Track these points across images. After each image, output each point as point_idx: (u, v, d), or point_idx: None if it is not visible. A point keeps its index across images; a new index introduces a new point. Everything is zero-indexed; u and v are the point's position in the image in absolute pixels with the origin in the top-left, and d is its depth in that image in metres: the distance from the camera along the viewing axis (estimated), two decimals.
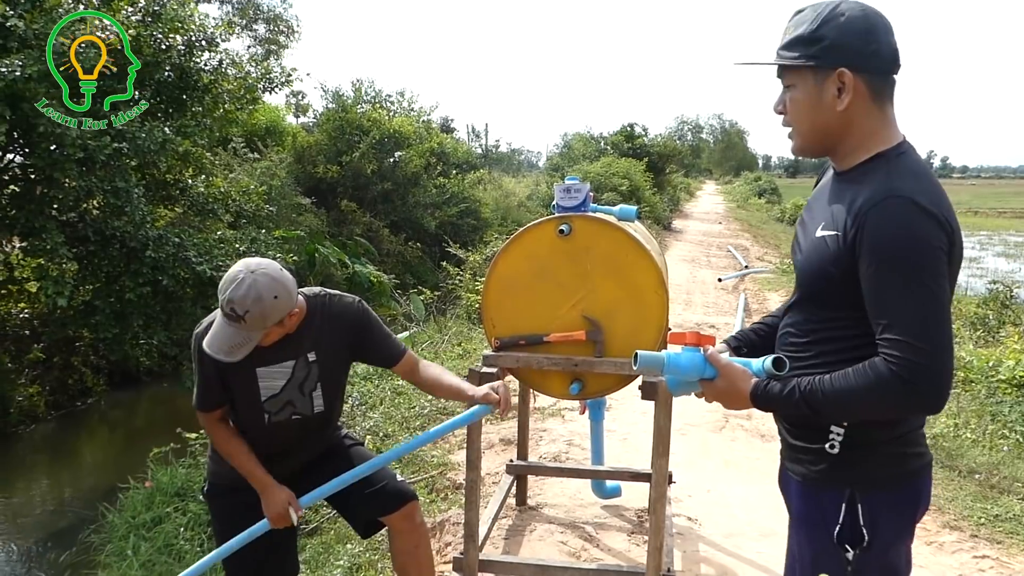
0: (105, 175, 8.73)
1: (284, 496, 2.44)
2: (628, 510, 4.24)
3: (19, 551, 7.00)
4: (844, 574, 1.66)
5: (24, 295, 10.59)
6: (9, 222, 8.52)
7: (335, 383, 2.57)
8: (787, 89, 1.71)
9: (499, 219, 22.23)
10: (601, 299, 2.95)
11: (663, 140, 39.35)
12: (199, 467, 6.33)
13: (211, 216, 11.03)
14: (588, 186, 3.23)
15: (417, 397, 6.86)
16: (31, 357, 10.88)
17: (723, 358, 1.71)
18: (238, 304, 2.20)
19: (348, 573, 4.11)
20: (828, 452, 1.66)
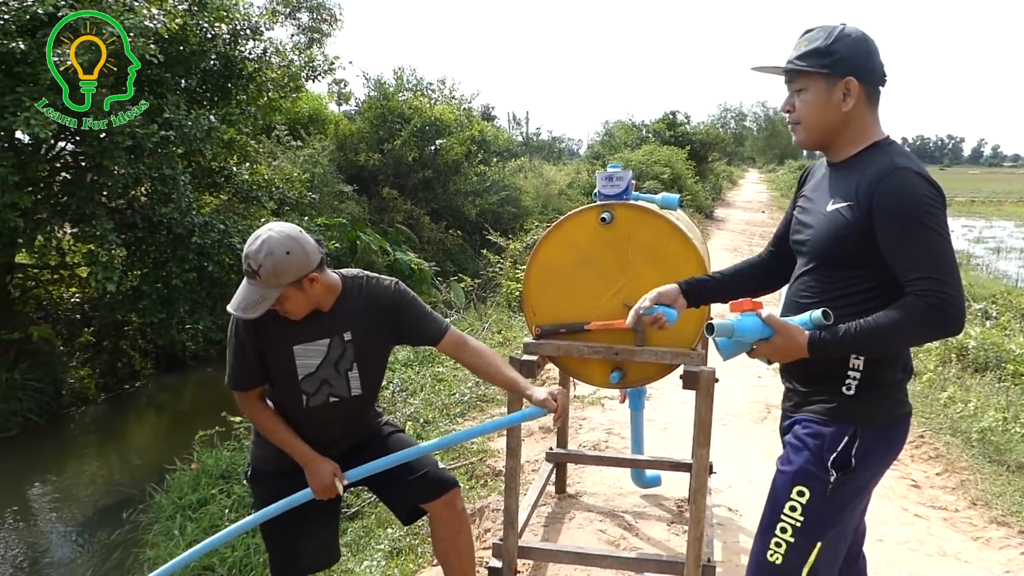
0: (153, 163, 8.89)
1: (329, 467, 2.45)
2: (668, 500, 4.22)
3: (72, 528, 7.19)
4: (824, 491, 1.98)
5: (75, 280, 10.84)
6: (61, 208, 8.71)
7: (373, 365, 2.57)
8: (797, 92, 2.03)
9: (539, 207, 22.21)
10: (643, 287, 2.91)
11: (706, 128, 38.87)
12: (243, 450, 6.44)
13: (255, 203, 11.17)
14: (630, 174, 3.20)
15: (458, 384, 6.90)
16: (82, 340, 11.15)
17: (778, 319, 1.98)
18: (252, 258, 2.26)
19: (388, 557, 4.16)
20: (844, 393, 1.98)
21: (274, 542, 2.66)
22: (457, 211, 19.73)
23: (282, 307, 2.34)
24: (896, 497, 4.35)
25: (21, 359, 9.61)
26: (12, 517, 7.43)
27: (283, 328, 2.41)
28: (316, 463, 2.45)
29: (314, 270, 2.32)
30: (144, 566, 5.51)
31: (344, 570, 4.12)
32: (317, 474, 2.44)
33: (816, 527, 2.01)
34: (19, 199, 7.73)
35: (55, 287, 11.12)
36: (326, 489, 2.45)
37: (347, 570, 4.17)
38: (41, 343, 10.19)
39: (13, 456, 8.76)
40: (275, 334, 2.41)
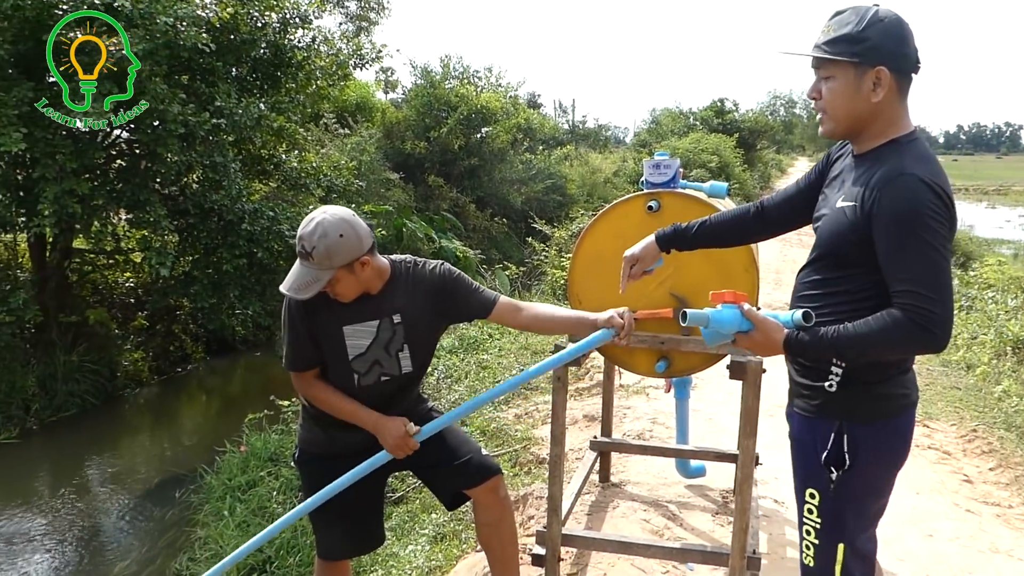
0: (204, 150, 9.03)
1: (398, 422, 2.47)
2: (712, 490, 4.19)
3: (127, 507, 7.39)
4: (828, 491, 1.98)
5: (129, 265, 11.10)
6: (116, 195, 8.91)
7: (423, 345, 2.59)
8: (825, 79, 1.95)
9: (585, 195, 22.10)
10: (689, 277, 2.90)
11: (754, 115, 38.39)
12: (291, 434, 6.55)
13: (303, 191, 11.30)
14: (678, 162, 3.17)
15: (502, 371, 6.92)
16: (135, 324, 11.43)
17: (758, 313, 1.96)
18: (306, 240, 2.30)
19: (433, 542, 4.21)
20: (827, 390, 1.98)
21: (321, 524, 2.71)
22: (502, 199, 19.73)
23: (333, 289, 2.38)
24: (947, 492, 4.27)
25: (78, 342, 9.89)
26: (70, 495, 7.66)
27: (333, 309, 2.45)
28: (383, 422, 2.47)
29: (365, 254, 2.36)
30: (195, 545, 5.64)
31: (389, 554, 4.19)
32: (388, 432, 2.46)
33: (833, 527, 2.00)
34: (77, 186, 7.92)
35: (110, 272, 11.40)
36: (400, 444, 2.46)
37: (392, 554, 4.23)
38: (97, 326, 10.48)
39: (71, 436, 9.03)
40: (326, 315, 2.46)
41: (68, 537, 6.82)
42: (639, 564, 3.32)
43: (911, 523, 3.86)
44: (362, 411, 2.49)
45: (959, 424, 5.37)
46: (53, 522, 7.04)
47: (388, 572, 4.07)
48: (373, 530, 2.78)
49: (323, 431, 2.61)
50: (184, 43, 8.27)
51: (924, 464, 4.64)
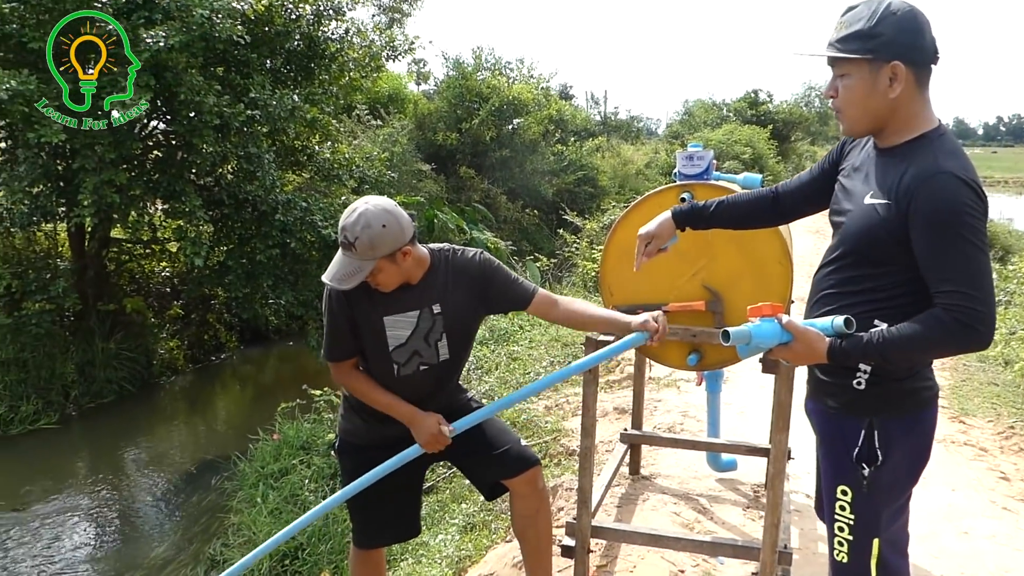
0: (239, 141, 9.12)
1: (433, 419, 2.48)
2: (744, 485, 4.16)
3: (162, 492, 7.52)
4: (861, 487, 1.97)
5: (165, 254, 11.25)
6: (153, 185, 9.03)
7: (462, 335, 2.60)
8: (840, 77, 1.91)
9: (617, 187, 22.00)
10: (722, 269, 2.89)
11: (789, 107, 37.90)
12: (323, 423, 6.62)
13: (336, 182, 11.36)
14: (711, 154, 3.15)
15: (533, 363, 6.93)
16: (171, 313, 11.60)
17: (798, 325, 1.92)
18: (349, 231, 2.31)
19: (463, 532, 4.23)
20: (855, 387, 1.95)
21: (359, 513, 2.73)
22: (534, 190, 19.70)
23: (374, 279, 2.39)
24: (984, 490, 4.21)
25: (116, 330, 10.07)
26: (108, 480, 7.81)
27: (374, 300, 2.46)
28: (419, 417, 2.49)
29: (407, 244, 2.37)
30: (229, 531, 5.73)
31: (419, 543, 4.21)
32: (423, 427, 2.47)
33: (867, 523, 1.99)
34: (115, 176, 8.04)
35: (147, 261, 11.57)
36: (434, 440, 2.47)
37: (422, 543, 4.26)
38: (134, 315, 10.65)
39: (109, 422, 9.20)
40: (366, 305, 2.46)
41: (106, 521, 6.96)
42: (669, 557, 3.32)
43: (946, 520, 3.81)
44: (398, 404, 2.50)
45: (996, 421, 5.28)
46: (91, 506, 7.19)
47: (419, 561, 4.10)
48: (409, 520, 2.79)
49: (363, 421, 2.63)
50: (220, 35, 8.34)
51: (960, 461, 4.58)
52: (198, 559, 5.71)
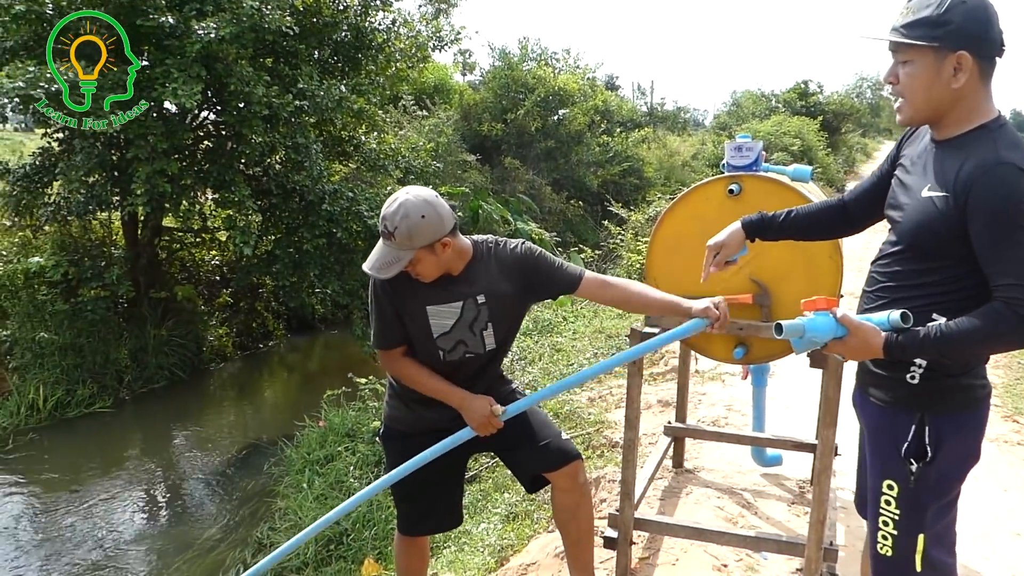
0: (287, 131, 9.23)
1: (485, 401, 2.48)
2: (789, 480, 4.12)
3: (212, 476, 7.67)
4: (908, 482, 1.94)
5: (215, 243, 11.45)
6: (203, 175, 9.19)
7: (507, 324, 2.60)
8: (903, 64, 1.85)
9: (662, 179, 21.84)
10: (771, 262, 2.85)
11: (840, 97, 37.18)
12: (368, 411, 6.69)
13: (382, 172, 11.44)
14: (760, 144, 3.11)
15: (576, 354, 6.92)
16: (221, 301, 11.82)
17: (853, 319, 1.89)
18: (389, 220, 2.32)
19: (505, 521, 4.25)
20: (908, 382, 1.92)
21: (403, 501, 2.76)
22: (579, 182, 19.64)
23: (414, 269, 2.40)
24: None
25: (167, 317, 10.29)
26: (159, 462, 8.00)
27: (416, 289, 2.47)
28: (469, 400, 2.49)
29: (447, 235, 2.37)
30: (275, 515, 5.83)
31: (462, 531, 4.24)
32: (474, 410, 2.48)
33: (913, 518, 1.97)
34: (167, 166, 8.20)
35: (197, 250, 11.79)
36: (485, 423, 2.48)
37: (465, 531, 4.29)
38: (185, 302, 10.88)
39: (160, 407, 9.41)
40: (409, 295, 2.48)
41: (158, 502, 7.13)
42: (712, 551, 3.29)
43: (998, 521, 3.73)
44: (449, 388, 2.51)
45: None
46: (144, 488, 7.37)
47: (461, 549, 4.13)
48: (453, 509, 2.81)
49: (408, 408, 2.65)
50: (269, 26, 8.44)
51: (1013, 461, 4.47)
52: (246, 542, 5.82)
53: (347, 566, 4.92)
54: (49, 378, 8.77)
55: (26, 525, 6.50)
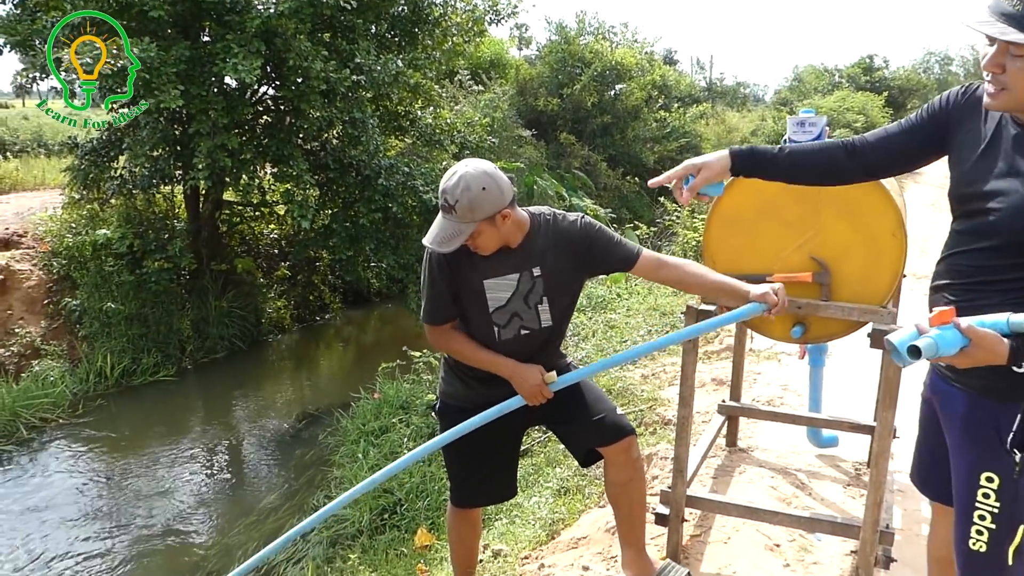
0: (344, 106, 9.31)
1: (536, 370, 2.49)
2: (845, 462, 4.06)
3: (269, 445, 7.87)
4: (1011, 474, 1.86)
5: (274, 217, 11.64)
6: (263, 150, 9.33)
7: (562, 298, 2.59)
8: (1016, 57, 1.73)
9: None
10: (831, 240, 2.79)
11: (906, 73, 36.15)
12: (422, 384, 6.77)
13: (437, 147, 11.48)
14: (824, 120, 3.03)
15: (630, 331, 6.89)
16: (279, 274, 12.04)
17: (976, 328, 1.77)
18: (449, 193, 2.32)
19: (556, 496, 4.27)
20: (1014, 371, 1.79)
21: (457, 472, 2.79)
22: (635, 158, 19.47)
23: (474, 242, 2.40)
24: None
25: (227, 289, 10.53)
26: (220, 430, 8.23)
27: (474, 263, 2.47)
28: (520, 370, 2.50)
29: (507, 207, 2.37)
30: (331, 484, 5.95)
31: (514, 504, 4.28)
32: (524, 379, 2.48)
33: (1015, 511, 1.90)
34: (227, 140, 8.35)
35: (257, 223, 12.00)
36: (536, 391, 2.48)
37: (516, 504, 4.32)
38: (244, 275, 11.11)
39: (221, 376, 9.66)
40: (466, 268, 2.48)
41: (218, 469, 7.34)
42: (764, 531, 3.27)
43: None
44: (499, 358, 2.52)
45: None
46: (205, 454, 7.59)
47: (512, 522, 4.17)
48: (507, 482, 2.83)
49: (463, 383, 2.67)
50: (327, 1, 8.50)
51: None
52: (303, 509, 5.96)
53: (400, 535, 5.00)
54: (116, 347, 9.06)
55: (96, 486, 6.76)
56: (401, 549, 4.82)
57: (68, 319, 9.25)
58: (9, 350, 8.58)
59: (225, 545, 5.70)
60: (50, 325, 9.14)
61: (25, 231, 10.02)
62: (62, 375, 8.47)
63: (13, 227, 10.06)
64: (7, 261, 9.31)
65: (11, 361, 8.49)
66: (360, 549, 4.95)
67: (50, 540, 5.78)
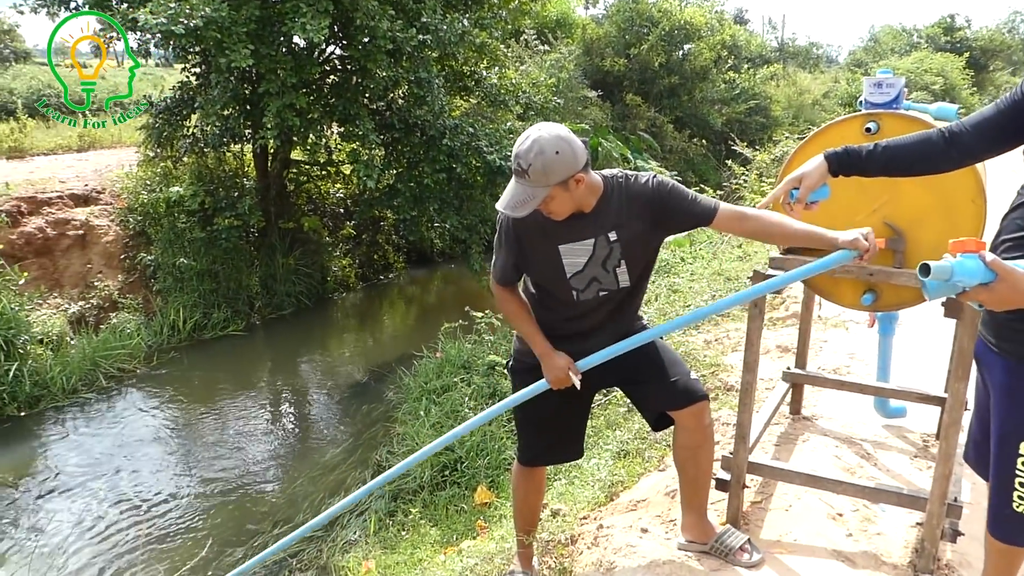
0: (410, 66, 9.32)
1: (563, 361, 2.53)
2: (912, 433, 3.97)
3: (334, 400, 8.06)
4: None
5: (340, 176, 11.77)
6: (330, 109, 9.42)
7: (640, 259, 2.57)
8: None
9: (790, 118, 20.99)
10: (907, 206, 2.70)
11: (989, 33, 34.57)
12: (483, 344, 6.83)
13: (502, 107, 11.42)
14: (902, 81, 2.93)
15: (693, 296, 6.82)
16: (344, 233, 12.22)
17: (1005, 264, 1.73)
18: (523, 158, 2.30)
19: (616, 458, 4.28)
20: None
21: (527, 431, 2.83)
22: (702, 120, 19.10)
23: (547, 207, 2.38)
24: None
25: (294, 247, 10.74)
26: (286, 384, 8.45)
27: (547, 229, 2.46)
28: (551, 356, 2.54)
29: (580, 171, 2.34)
30: (393, 440, 6.08)
31: (572, 465, 4.31)
32: (552, 366, 2.54)
33: None
34: (296, 100, 8.44)
35: (323, 182, 12.17)
36: (560, 380, 2.54)
37: (575, 465, 4.35)
38: (311, 233, 11.30)
39: (287, 332, 9.91)
40: (541, 234, 2.48)
41: (284, 421, 7.55)
42: (827, 500, 3.23)
43: None
44: (537, 336, 2.56)
45: None
46: (272, 407, 7.82)
47: (571, 483, 4.20)
48: (574, 443, 2.86)
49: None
50: None
51: None
52: (366, 463, 6.11)
53: (460, 492, 5.09)
54: (188, 301, 9.35)
55: (169, 434, 7.03)
56: (461, 505, 4.92)
57: (143, 274, 9.57)
58: (89, 303, 8.91)
59: (291, 495, 5.88)
60: (127, 279, 9.47)
61: (103, 188, 10.34)
62: (138, 328, 8.78)
63: (92, 184, 10.39)
64: (87, 217, 9.65)
65: (91, 313, 8.82)
66: (421, 504, 5.05)
67: (127, 484, 6.05)
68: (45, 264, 8.99)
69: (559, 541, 3.27)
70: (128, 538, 5.33)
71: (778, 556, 2.87)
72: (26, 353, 7.39)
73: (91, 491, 5.94)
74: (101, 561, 5.08)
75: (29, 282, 8.29)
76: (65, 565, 5.04)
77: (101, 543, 5.27)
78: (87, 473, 6.22)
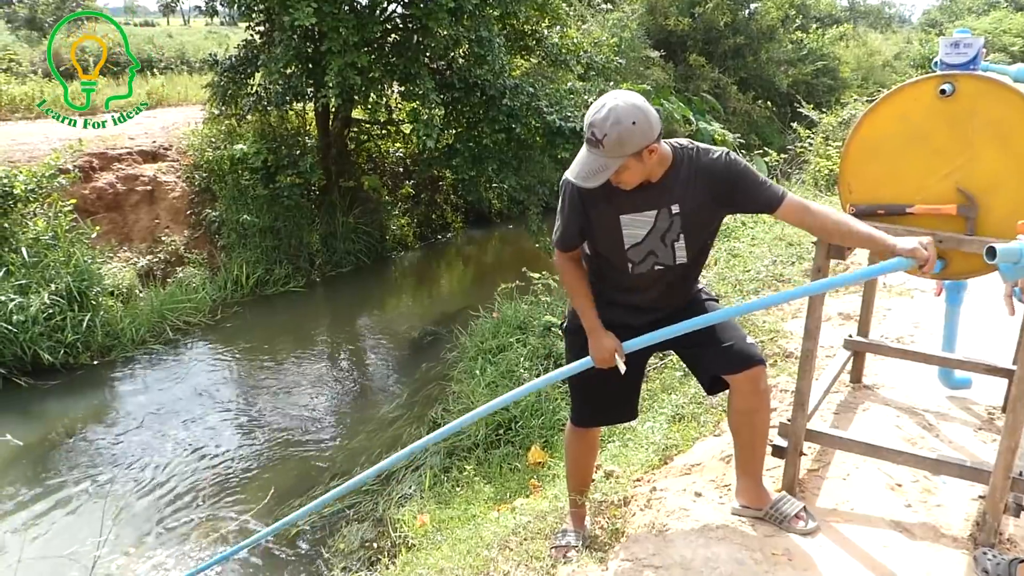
0: (471, 24, 9.25)
1: (610, 343, 2.53)
2: (977, 405, 3.88)
3: (391, 357, 8.19)
4: None
5: (400, 136, 11.83)
6: (390, 68, 9.42)
7: (699, 236, 2.53)
8: None
9: (859, 80, 20.37)
10: (982, 171, 2.61)
11: None
12: (540, 305, 6.84)
13: (563, 67, 11.29)
14: (981, 41, 2.81)
15: (754, 261, 6.72)
16: (403, 192, 12.30)
17: None
18: (598, 127, 2.25)
19: (671, 422, 4.28)
20: None
21: (581, 393, 2.83)
22: (767, 81, 18.64)
23: (617, 177, 2.34)
24: None
25: (354, 205, 10.87)
26: (346, 341, 8.61)
27: (612, 198, 2.43)
28: (599, 334, 2.54)
29: (654, 141, 2.30)
30: (449, 398, 6.15)
31: (627, 428, 4.32)
32: (599, 346, 2.54)
33: None
34: (357, 58, 8.47)
35: (383, 142, 12.23)
36: (604, 360, 2.54)
37: (629, 428, 4.35)
38: (370, 192, 11.41)
39: (347, 289, 10.07)
40: (604, 204, 2.45)
41: (342, 377, 7.69)
42: (886, 470, 3.19)
43: None
44: (589, 311, 2.56)
45: None
46: (331, 363, 7.97)
47: (625, 445, 4.21)
48: (629, 405, 2.86)
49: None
50: None
51: None
52: (422, 420, 6.20)
53: (514, 451, 5.14)
54: (251, 257, 9.55)
55: (233, 387, 7.24)
56: (515, 464, 4.97)
57: (208, 229, 9.78)
58: (157, 256, 9.15)
59: (349, 449, 6.01)
60: (192, 235, 9.69)
61: (170, 144, 10.56)
62: (203, 282, 9.00)
63: (160, 141, 10.61)
64: (155, 173, 9.88)
65: (158, 267, 9.07)
66: (475, 461, 5.12)
67: (193, 432, 6.26)
68: (115, 219, 9.24)
69: (612, 502, 3.28)
70: (193, 483, 5.53)
71: (834, 524, 2.85)
72: (98, 304, 7.64)
73: (159, 438, 6.17)
74: (168, 503, 5.28)
75: (100, 236, 8.54)
76: (134, 506, 5.26)
77: (168, 487, 5.48)
78: (156, 420, 6.45)
